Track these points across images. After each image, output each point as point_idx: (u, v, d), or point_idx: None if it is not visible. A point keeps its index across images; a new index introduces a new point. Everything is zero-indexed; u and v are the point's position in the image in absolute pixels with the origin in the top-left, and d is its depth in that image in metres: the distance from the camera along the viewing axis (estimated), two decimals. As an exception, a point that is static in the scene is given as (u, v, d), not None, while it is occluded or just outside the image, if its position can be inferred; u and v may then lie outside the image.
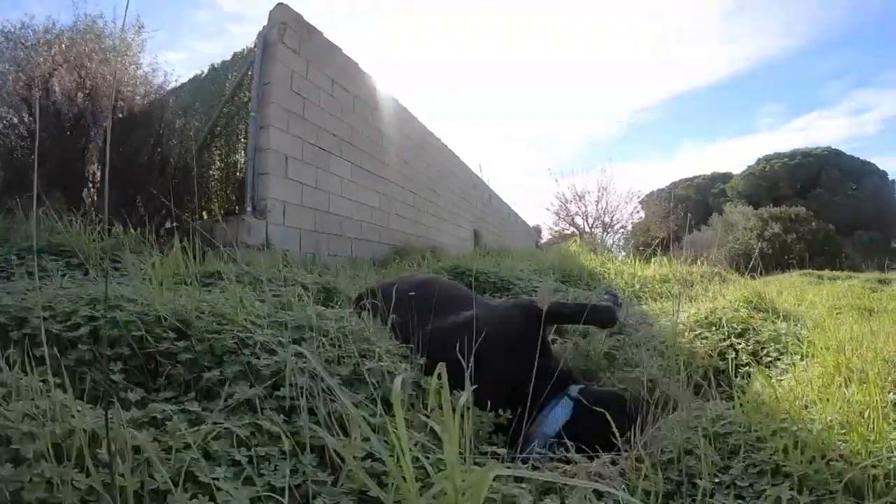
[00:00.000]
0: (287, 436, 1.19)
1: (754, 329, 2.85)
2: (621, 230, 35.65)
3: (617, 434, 1.54)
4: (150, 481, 0.95)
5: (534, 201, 42.83)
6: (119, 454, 0.94)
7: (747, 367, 2.45)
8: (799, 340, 2.56)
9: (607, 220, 34.54)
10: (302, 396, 1.30)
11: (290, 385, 1.37)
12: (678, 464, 1.47)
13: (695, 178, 38.41)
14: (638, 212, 37.03)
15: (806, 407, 1.73)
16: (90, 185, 6.49)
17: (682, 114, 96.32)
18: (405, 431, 0.91)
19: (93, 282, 2.28)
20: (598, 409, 1.64)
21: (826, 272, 10.98)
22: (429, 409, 1.41)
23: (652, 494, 1.31)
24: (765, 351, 2.62)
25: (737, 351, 2.65)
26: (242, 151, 6.43)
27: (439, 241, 11.22)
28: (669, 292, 4.79)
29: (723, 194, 33.99)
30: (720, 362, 2.56)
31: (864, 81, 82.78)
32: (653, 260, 7.66)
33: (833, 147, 32.78)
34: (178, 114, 7.45)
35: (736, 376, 2.36)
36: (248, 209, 6.07)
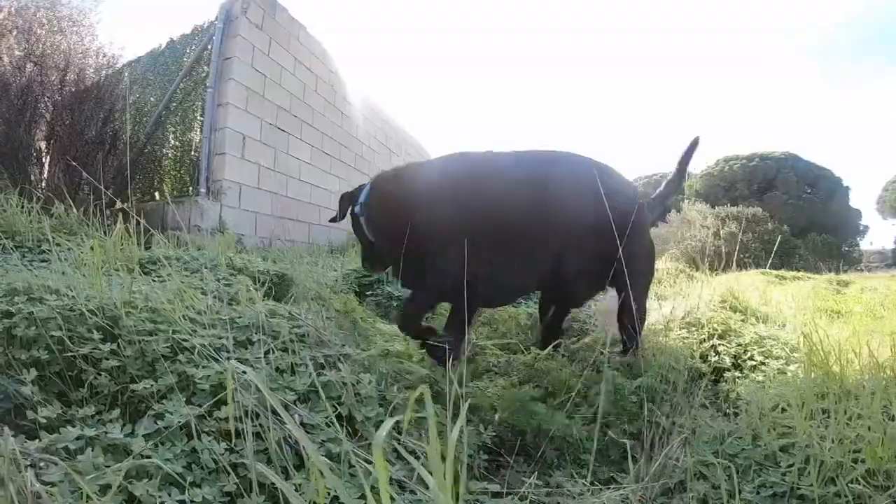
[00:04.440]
0: (229, 471, 1.02)
1: (735, 331, 2.74)
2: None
3: None
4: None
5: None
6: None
7: (730, 372, 2.34)
8: (783, 344, 2.47)
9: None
10: (248, 417, 1.07)
11: (234, 402, 1.11)
12: (688, 492, 1.35)
13: (653, 175, 38.79)
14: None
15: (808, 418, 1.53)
16: (37, 159, 6.17)
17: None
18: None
19: (19, 268, 2.09)
20: None
21: (783, 272, 11.09)
22: (402, 433, 1.23)
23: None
24: (747, 354, 2.48)
25: (718, 353, 2.54)
26: (198, 129, 6.19)
27: (400, 228, 11.06)
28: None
29: (681, 192, 34.46)
30: (702, 364, 2.41)
31: None
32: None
33: (791, 151, 33.43)
34: (133, 88, 7.16)
35: (719, 380, 2.28)
36: (202, 191, 5.85)
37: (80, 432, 1.01)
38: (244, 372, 1.25)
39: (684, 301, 3.33)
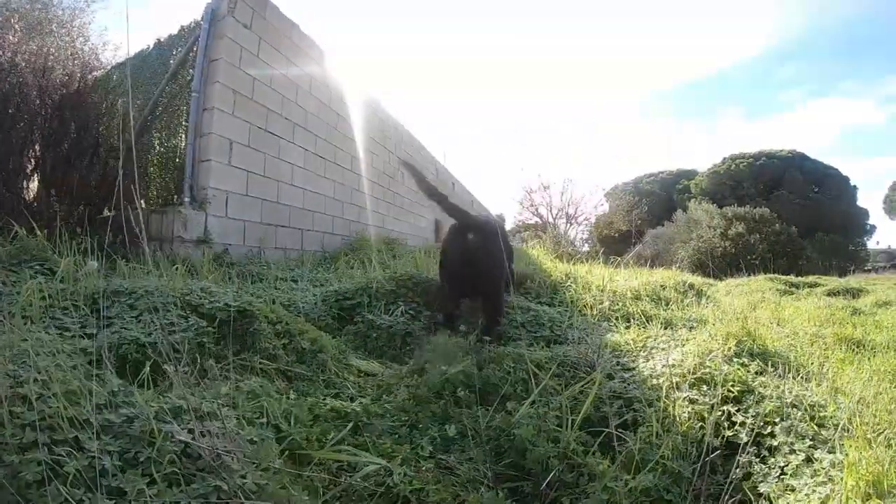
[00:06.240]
0: None
1: (754, 392, 2.28)
2: (585, 222, 35.89)
3: None
4: None
5: (501, 190, 43.03)
6: None
7: (745, 454, 1.90)
8: (809, 411, 2.09)
9: (571, 211, 34.72)
10: None
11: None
12: None
13: (659, 173, 38.49)
14: (602, 204, 37.24)
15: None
16: (14, 172, 5.89)
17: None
18: None
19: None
20: None
21: (792, 278, 10.84)
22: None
23: None
24: (768, 430, 2.04)
25: (733, 423, 2.11)
26: (183, 135, 5.93)
27: (398, 231, 10.84)
28: (643, 313, 4.20)
29: (687, 191, 34.13)
30: (714, 439, 1.96)
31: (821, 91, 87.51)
32: (619, 266, 6.89)
33: (797, 150, 33.09)
34: (119, 91, 6.91)
35: (733, 455, 1.90)
36: (186, 200, 5.60)
37: None
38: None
39: (694, 338, 2.99)
